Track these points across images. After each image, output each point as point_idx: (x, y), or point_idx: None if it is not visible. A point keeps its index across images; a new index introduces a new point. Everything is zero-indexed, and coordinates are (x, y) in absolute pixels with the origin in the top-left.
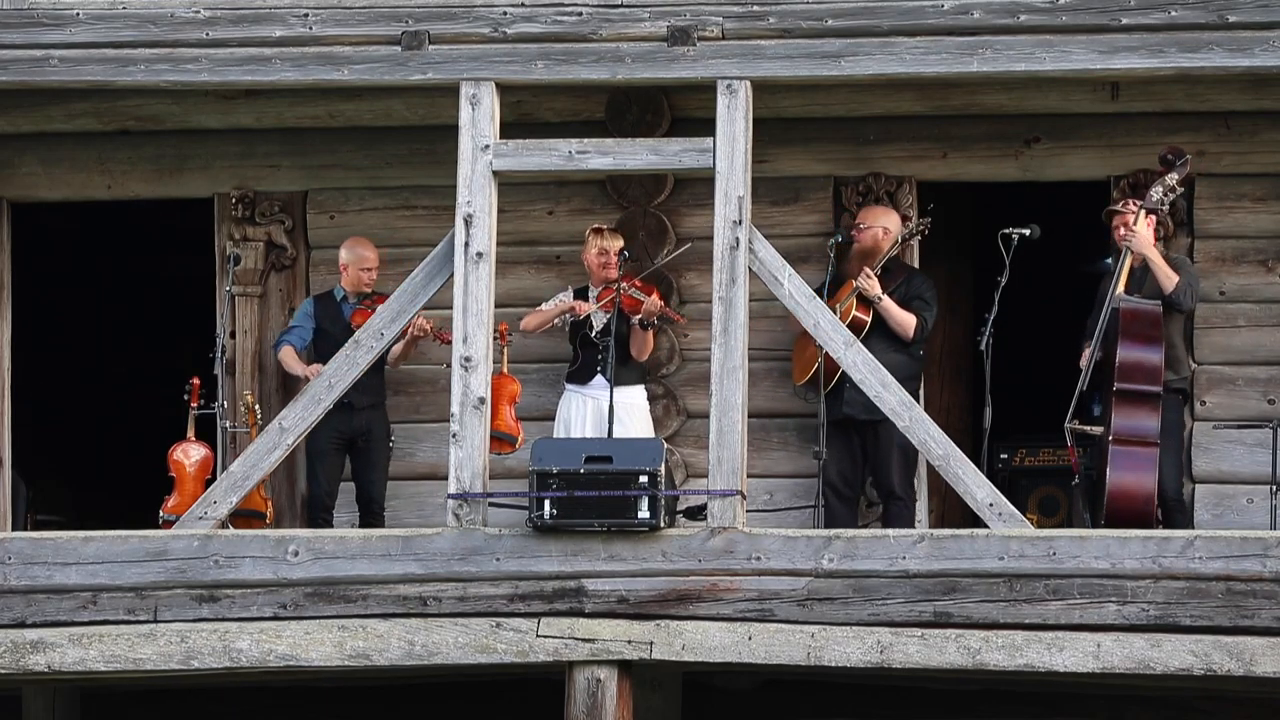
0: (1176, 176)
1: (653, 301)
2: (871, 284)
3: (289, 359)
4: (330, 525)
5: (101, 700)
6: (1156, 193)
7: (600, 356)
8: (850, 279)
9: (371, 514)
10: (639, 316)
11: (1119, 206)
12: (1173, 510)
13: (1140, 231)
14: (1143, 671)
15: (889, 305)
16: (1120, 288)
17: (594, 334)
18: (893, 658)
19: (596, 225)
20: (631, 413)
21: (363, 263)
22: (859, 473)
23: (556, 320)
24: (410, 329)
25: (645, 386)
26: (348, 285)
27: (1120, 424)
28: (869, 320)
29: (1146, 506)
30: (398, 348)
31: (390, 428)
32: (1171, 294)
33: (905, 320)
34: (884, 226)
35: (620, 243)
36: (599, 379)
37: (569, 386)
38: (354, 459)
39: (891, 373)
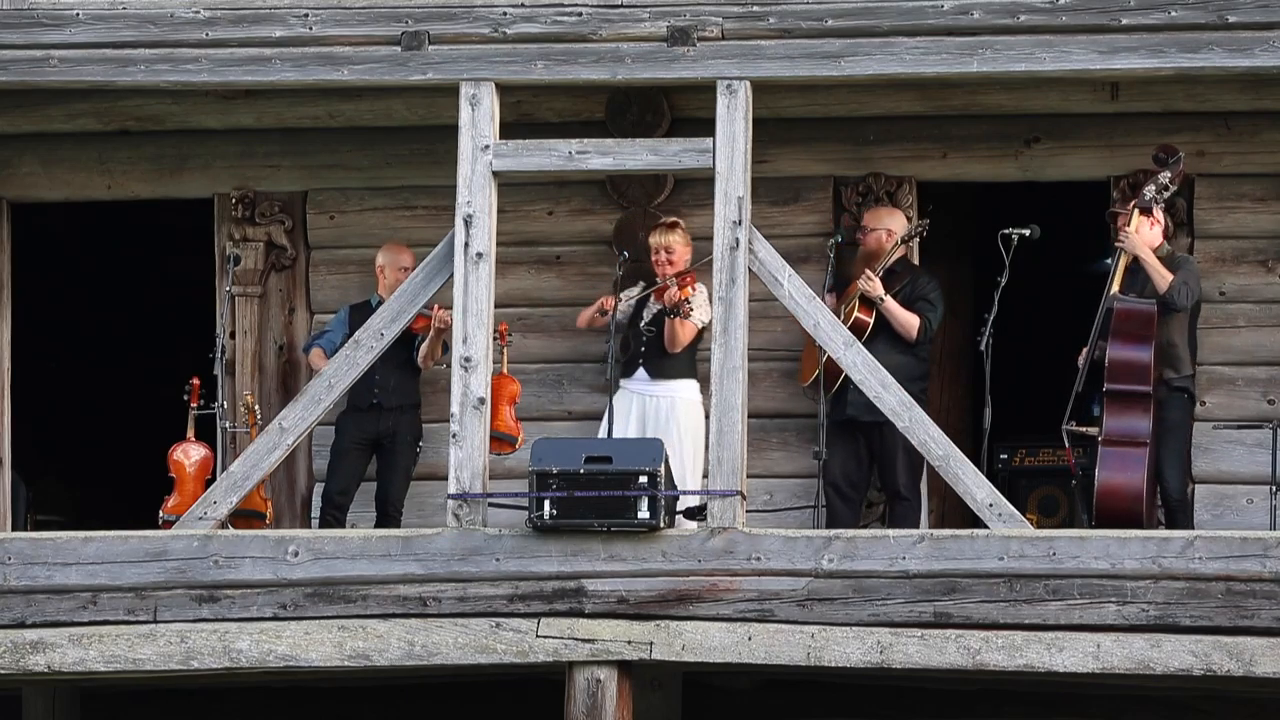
0: (1169, 174)
1: (672, 293)
2: (874, 285)
3: (319, 361)
4: (340, 524)
5: (101, 700)
6: (1149, 191)
7: (642, 349)
8: (855, 281)
9: (386, 515)
10: (664, 306)
11: (1120, 208)
12: (1175, 510)
13: (1133, 231)
14: (1143, 671)
15: (892, 306)
16: (1115, 287)
17: (641, 325)
18: (893, 658)
19: (664, 220)
20: (676, 407)
21: (397, 264)
22: (864, 474)
23: (605, 316)
24: (432, 323)
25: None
26: (384, 290)
27: (1109, 424)
28: (871, 322)
29: (1135, 506)
30: (425, 346)
31: (421, 431)
32: (1166, 293)
33: (909, 321)
34: (888, 228)
35: (670, 237)
36: (640, 372)
37: (622, 382)
38: (378, 460)
39: (895, 374)
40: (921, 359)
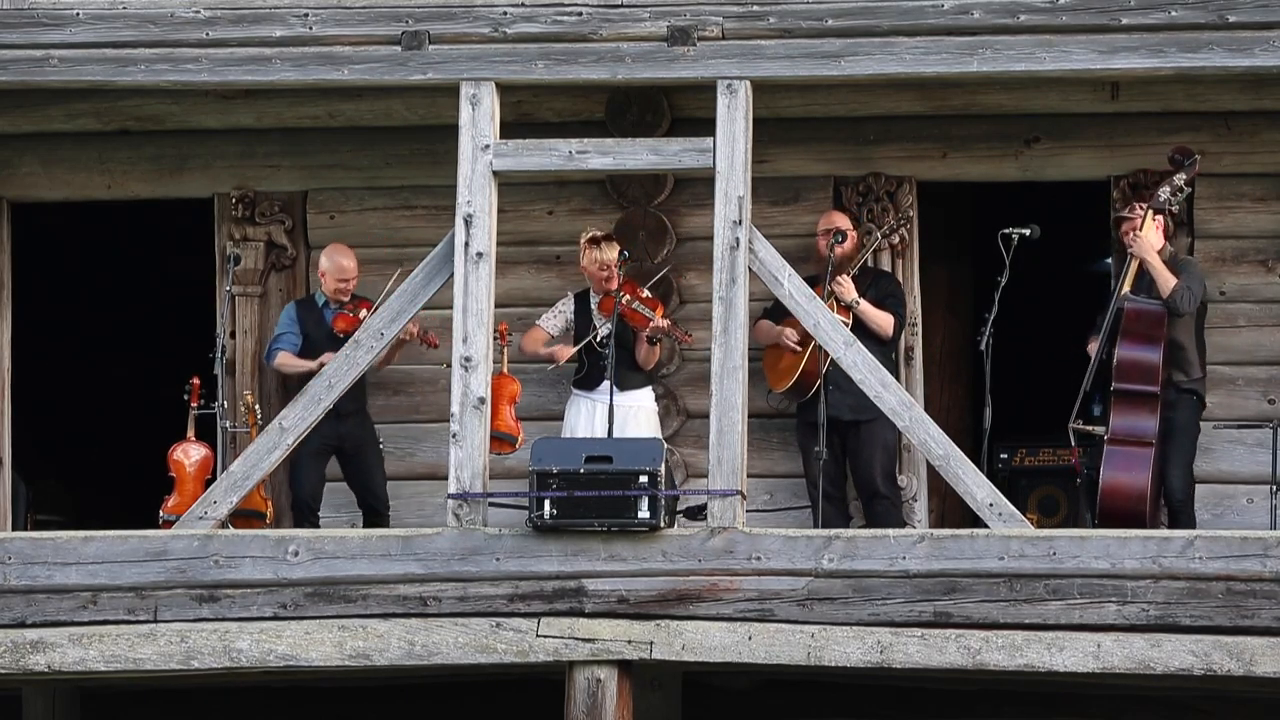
0: (1185, 176)
1: (658, 323)
2: (846, 289)
3: (290, 361)
4: (316, 526)
5: (101, 700)
6: (1164, 193)
7: (605, 364)
8: (818, 284)
9: (378, 514)
10: (646, 333)
11: (1128, 213)
12: (1178, 512)
13: (1145, 234)
14: (1143, 671)
15: (866, 307)
16: (1126, 287)
17: (599, 341)
18: (893, 658)
19: (592, 235)
20: (639, 415)
21: (340, 273)
22: (842, 472)
23: (546, 348)
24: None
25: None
26: (327, 292)
27: (1116, 423)
28: (849, 323)
29: (1139, 505)
30: (382, 352)
31: (375, 431)
32: (1168, 298)
33: (883, 320)
34: (849, 229)
35: (615, 251)
36: (606, 384)
37: (575, 391)
38: (347, 465)
39: None
40: (890, 358)
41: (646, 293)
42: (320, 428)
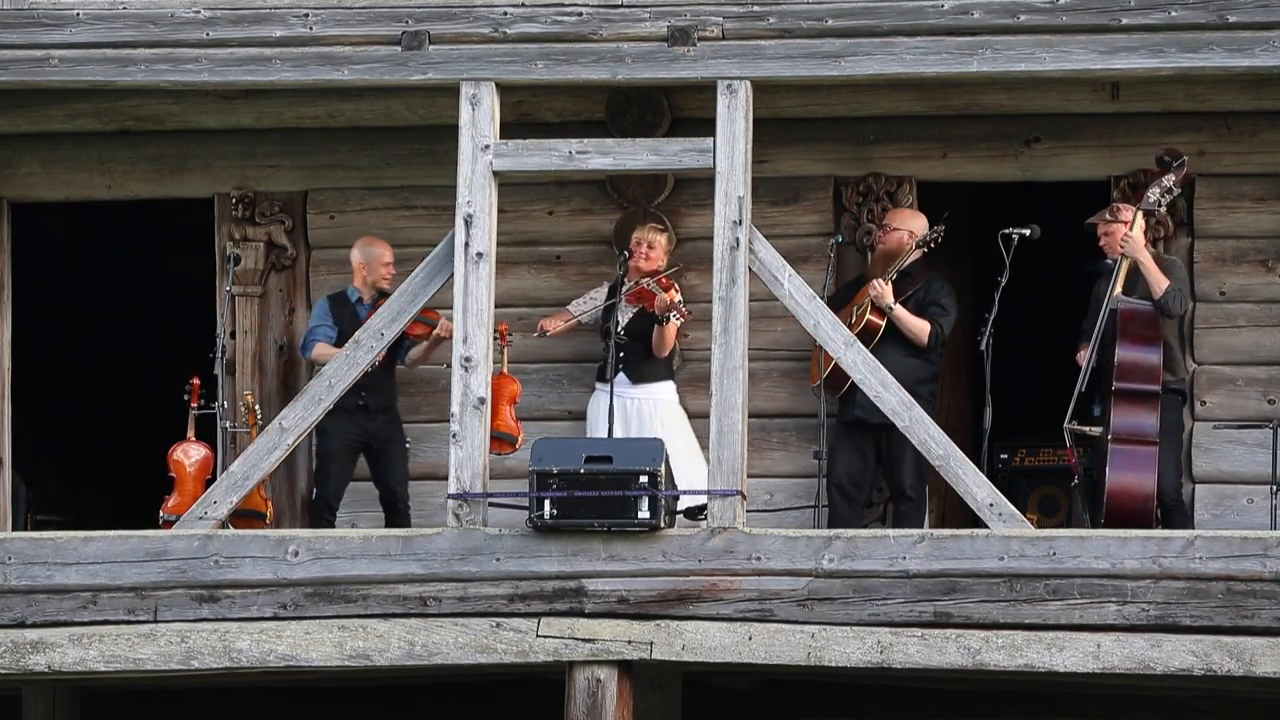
0: (1173, 178)
1: (662, 298)
2: (883, 293)
3: (329, 352)
4: (333, 526)
5: (101, 700)
6: (1153, 194)
7: (620, 354)
8: (868, 282)
9: (397, 512)
10: (656, 309)
11: (1098, 218)
12: (1171, 510)
13: (1135, 235)
14: (1143, 671)
15: (901, 313)
16: (1118, 289)
17: (618, 330)
18: (893, 658)
19: (652, 223)
20: (656, 408)
21: (382, 259)
22: (868, 474)
23: (584, 319)
24: (436, 332)
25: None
26: (364, 285)
27: (1119, 423)
28: (883, 325)
29: (1146, 505)
30: (419, 350)
31: (404, 430)
32: (1160, 299)
33: (919, 328)
34: (910, 230)
35: (659, 235)
36: (619, 376)
37: (597, 385)
38: (373, 462)
39: (904, 376)
40: (931, 362)
41: (667, 278)
42: (348, 424)
